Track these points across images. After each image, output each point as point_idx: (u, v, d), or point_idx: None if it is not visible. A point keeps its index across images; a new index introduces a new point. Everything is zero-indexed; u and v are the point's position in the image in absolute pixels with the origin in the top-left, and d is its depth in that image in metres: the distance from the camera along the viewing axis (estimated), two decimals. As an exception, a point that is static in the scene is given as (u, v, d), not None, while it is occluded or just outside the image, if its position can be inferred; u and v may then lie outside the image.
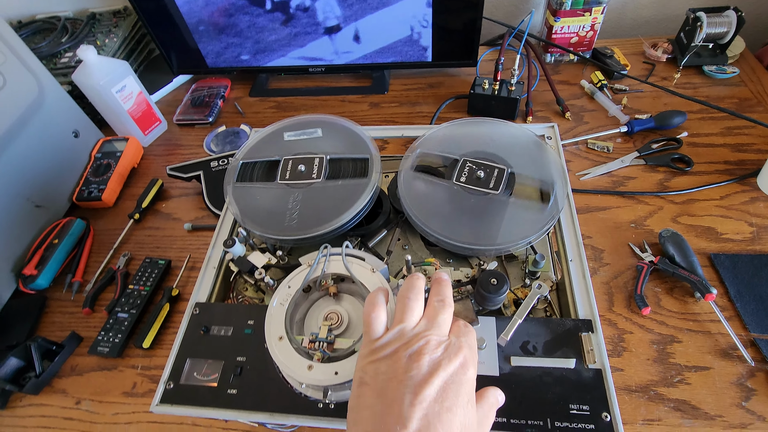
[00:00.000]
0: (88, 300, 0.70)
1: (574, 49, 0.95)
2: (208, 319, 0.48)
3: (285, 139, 0.60)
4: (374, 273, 0.44)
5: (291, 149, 0.58)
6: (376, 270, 0.44)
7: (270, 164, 0.58)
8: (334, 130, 0.60)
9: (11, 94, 0.72)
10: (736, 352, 0.56)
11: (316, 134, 0.58)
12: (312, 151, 0.57)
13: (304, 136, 0.58)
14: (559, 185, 0.51)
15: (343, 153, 0.56)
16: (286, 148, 0.59)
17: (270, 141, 0.61)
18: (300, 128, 0.60)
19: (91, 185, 0.83)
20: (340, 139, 0.59)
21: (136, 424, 0.58)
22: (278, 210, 0.53)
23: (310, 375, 0.39)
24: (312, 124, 0.61)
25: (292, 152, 0.58)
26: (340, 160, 0.56)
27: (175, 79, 1.09)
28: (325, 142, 0.59)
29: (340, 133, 0.60)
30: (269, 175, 0.57)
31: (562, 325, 0.44)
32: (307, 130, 0.58)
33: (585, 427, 0.38)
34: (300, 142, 0.59)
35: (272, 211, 0.53)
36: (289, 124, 0.62)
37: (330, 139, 0.59)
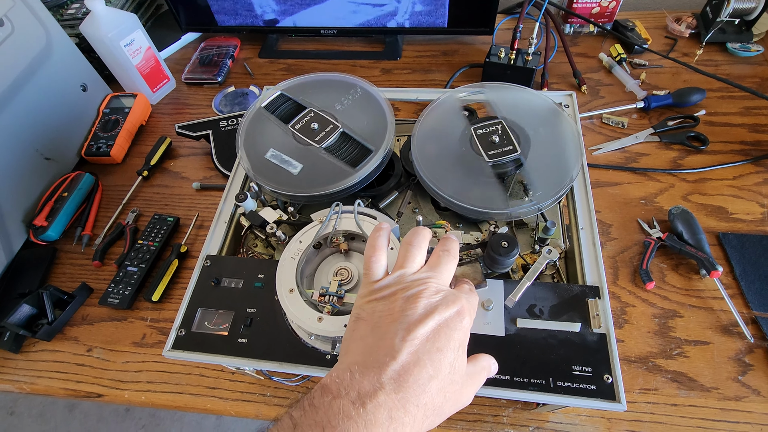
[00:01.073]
0: (97, 253, 0.70)
1: (594, 20, 0.92)
2: (218, 272, 0.48)
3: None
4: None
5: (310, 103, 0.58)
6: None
7: (295, 108, 0.58)
8: (344, 88, 0.59)
9: (20, 42, 0.70)
10: (737, 328, 0.56)
11: (351, 98, 0.57)
12: (324, 108, 0.57)
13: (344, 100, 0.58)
14: (575, 153, 0.50)
15: (359, 126, 0.55)
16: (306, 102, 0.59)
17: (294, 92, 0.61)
18: (311, 87, 0.59)
19: (99, 140, 0.83)
20: (357, 101, 0.58)
21: (146, 372, 0.60)
22: (310, 168, 0.53)
23: (320, 326, 0.40)
24: (321, 84, 0.60)
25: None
26: (350, 138, 0.55)
27: (184, 36, 1.07)
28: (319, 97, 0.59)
29: (328, 86, 0.60)
30: (288, 119, 0.57)
31: (569, 291, 0.44)
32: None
33: (586, 387, 0.39)
34: (314, 95, 0.59)
35: (305, 171, 0.52)
36: (297, 84, 0.61)
37: (322, 94, 0.59)
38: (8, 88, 0.69)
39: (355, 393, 0.28)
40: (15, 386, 0.61)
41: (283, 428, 0.28)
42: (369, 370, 0.30)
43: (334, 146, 0.54)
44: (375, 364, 0.30)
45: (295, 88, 0.61)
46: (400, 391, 0.29)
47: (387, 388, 0.29)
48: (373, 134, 0.54)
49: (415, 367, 0.30)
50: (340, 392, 0.29)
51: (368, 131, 0.54)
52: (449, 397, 0.31)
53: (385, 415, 0.28)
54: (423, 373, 0.30)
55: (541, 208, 0.48)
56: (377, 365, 0.30)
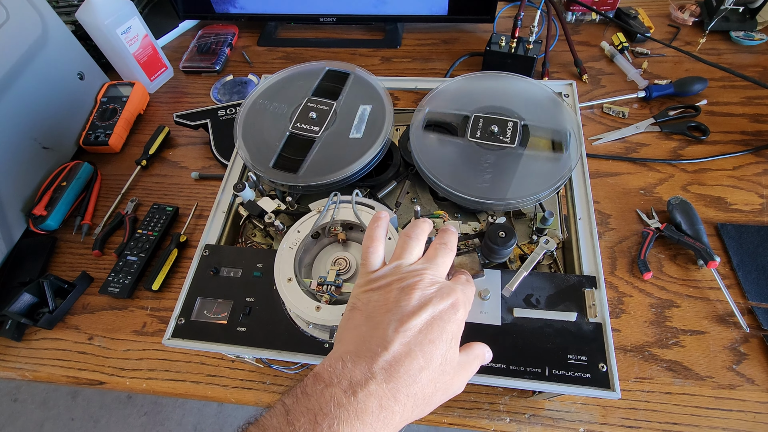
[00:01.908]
0: (97, 242, 0.71)
1: (597, 7, 0.91)
2: (217, 261, 0.48)
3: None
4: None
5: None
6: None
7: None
8: (368, 97, 0.59)
9: (15, 29, 0.70)
10: (733, 318, 0.57)
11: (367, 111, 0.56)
12: (329, 101, 0.56)
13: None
14: (574, 143, 0.50)
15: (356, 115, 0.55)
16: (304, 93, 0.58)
17: (288, 83, 0.60)
18: (317, 75, 0.59)
19: (97, 130, 0.83)
20: (356, 88, 0.58)
21: (147, 360, 0.60)
22: (330, 154, 0.52)
23: (318, 315, 0.40)
24: (359, 82, 0.59)
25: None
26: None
27: (181, 24, 1.06)
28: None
29: (357, 83, 0.59)
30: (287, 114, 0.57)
31: (566, 281, 0.44)
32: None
33: (582, 376, 0.39)
34: (287, 91, 0.59)
35: (324, 156, 0.52)
36: (306, 70, 0.61)
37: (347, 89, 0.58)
38: (4, 76, 0.69)
39: (346, 382, 0.29)
40: (17, 374, 0.62)
41: (276, 415, 0.28)
42: (361, 360, 0.30)
43: (294, 140, 0.54)
44: (367, 354, 0.30)
45: (264, 95, 0.60)
46: (391, 381, 0.29)
47: (378, 377, 0.29)
48: (319, 167, 0.53)
49: (406, 358, 0.30)
50: (332, 380, 0.29)
51: (323, 162, 0.53)
52: (439, 387, 0.32)
53: (375, 403, 0.28)
54: (414, 364, 0.30)
55: (540, 199, 0.48)
56: (369, 355, 0.30)
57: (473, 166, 0.50)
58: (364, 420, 0.28)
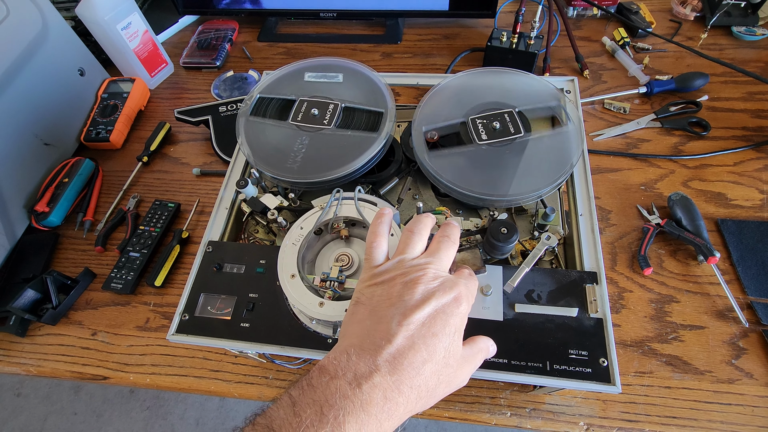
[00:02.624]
0: (100, 239, 0.71)
1: (598, 2, 0.91)
2: (220, 257, 0.49)
3: (305, 79, 0.59)
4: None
5: (307, 91, 0.58)
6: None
7: (285, 103, 0.57)
8: (351, 75, 0.59)
9: (15, 25, 0.69)
10: (732, 313, 0.57)
11: (337, 79, 0.56)
12: (328, 96, 0.56)
13: (325, 79, 0.57)
14: (575, 143, 0.50)
15: (359, 102, 0.55)
16: (302, 90, 0.58)
17: (288, 80, 0.60)
18: (321, 71, 0.59)
19: (98, 126, 0.83)
20: (356, 85, 0.58)
21: (150, 355, 0.61)
22: (289, 152, 0.53)
23: (321, 311, 0.41)
24: (332, 68, 0.59)
25: (308, 94, 0.57)
26: (354, 109, 0.55)
27: (181, 19, 1.05)
28: (341, 87, 0.58)
29: (357, 79, 0.59)
30: (282, 114, 0.56)
31: (567, 276, 0.44)
32: (329, 73, 0.57)
33: (582, 370, 0.40)
34: (317, 84, 0.58)
35: (284, 153, 0.52)
36: (309, 65, 0.60)
37: (346, 84, 0.58)
38: (5, 73, 0.69)
39: (351, 374, 0.29)
40: (22, 369, 0.62)
41: (283, 407, 0.29)
42: (365, 353, 0.30)
43: (343, 122, 0.54)
44: (371, 347, 0.31)
45: (272, 85, 0.60)
46: (395, 373, 0.30)
47: (382, 370, 0.30)
48: (374, 100, 0.54)
49: (409, 351, 0.31)
50: (338, 373, 0.30)
51: (368, 98, 0.55)
52: (443, 380, 0.32)
53: (379, 395, 0.29)
54: (417, 357, 0.31)
55: (541, 195, 0.48)
56: (373, 348, 0.31)
57: (475, 163, 0.50)
58: (369, 411, 0.28)
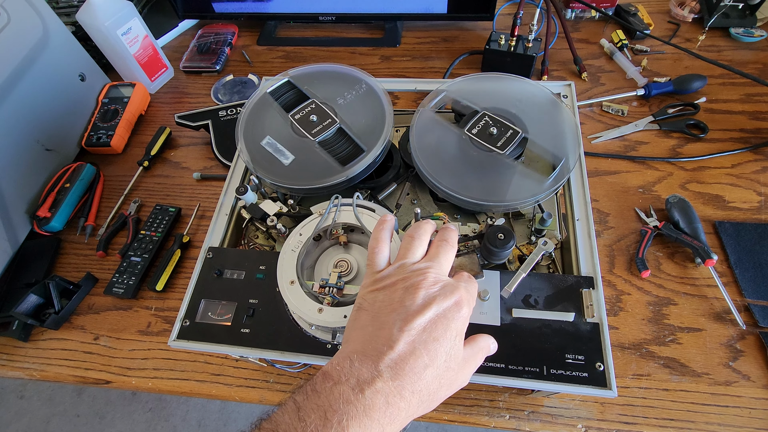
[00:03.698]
0: (101, 243, 0.71)
1: (596, 4, 0.91)
2: (221, 263, 0.49)
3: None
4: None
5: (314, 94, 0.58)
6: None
7: (298, 97, 0.58)
8: (327, 77, 0.59)
9: (16, 32, 0.70)
10: (729, 315, 0.57)
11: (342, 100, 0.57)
12: (326, 101, 0.57)
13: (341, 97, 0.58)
14: (572, 147, 0.51)
15: (356, 128, 0.55)
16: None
17: (267, 101, 0.60)
18: (317, 78, 0.59)
19: (99, 131, 0.83)
20: (336, 82, 0.59)
21: (152, 359, 0.61)
22: (303, 160, 0.53)
23: (320, 317, 0.41)
24: (327, 75, 0.60)
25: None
26: (346, 134, 0.55)
27: (181, 23, 1.06)
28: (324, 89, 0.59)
29: (334, 78, 0.59)
30: (289, 108, 0.57)
31: (564, 281, 0.45)
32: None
33: (579, 375, 0.40)
34: (318, 86, 0.59)
35: (297, 162, 0.53)
36: (304, 73, 0.61)
37: (327, 85, 0.59)
38: (7, 79, 0.69)
39: (354, 380, 0.30)
40: (25, 373, 0.63)
41: (288, 412, 0.29)
42: (367, 359, 0.31)
43: (328, 141, 0.54)
44: (373, 353, 0.31)
45: (302, 76, 0.60)
46: (397, 378, 0.30)
47: (384, 375, 0.30)
48: (369, 133, 0.54)
49: (411, 356, 0.31)
50: (341, 379, 0.30)
51: (365, 130, 0.54)
52: (444, 383, 0.33)
53: (382, 400, 0.29)
54: (419, 362, 0.31)
55: (539, 200, 0.48)
56: (375, 354, 0.31)
57: (472, 168, 0.50)
58: (372, 416, 0.29)
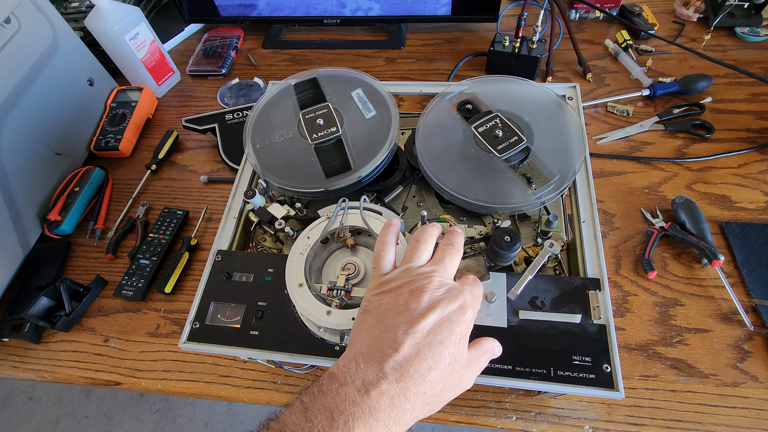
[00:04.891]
0: (110, 246, 0.72)
1: (600, 5, 0.91)
2: (229, 266, 0.50)
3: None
4: (391, 227, 0.45)
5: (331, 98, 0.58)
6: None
7: (315, 98, 0.59)
8: (354, 85, 0.60)
9: (27, 39, 0.71)
10: (737, 316, 0.57)
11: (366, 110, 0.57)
12: (339, 108, 0.57)
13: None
14: (577, 150, 0.51)
15: (354, 143, 0.55)
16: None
17: (287, 94, 0.61)
18: (341, 83, 0.60)
19: (107, 135, 0.84)
20: (334, 83, 0.59)
21: (161, 361, 0.62)
22: (297, 162, 0.53)
23: (329, 320, 0.42)
24: (332, 79, 0.60)
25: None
26: (342, 147, 0.54)
27: (187, 27, 1.07)
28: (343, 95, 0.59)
29: (330, 79, 0.60)
30: (304, 105, 0.58)
31: (570, 283, 0.45)
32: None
33: (586, 377, 0.40)
34: (339, 91, 0.59)
35: (291, 163, 0.53)
36: (331, 75, 0.61)
37: (348, 93, 0.59)
38: (18, 84, 0.70)
39: (360, 381, 0.30)
40: (37, 375, 0.64)
41: (295, 412, 0.30)
42: (373, 361, 0.31)
43: (323, 149, 0.54)
44: (379, 355, 0.32)
45: (328, 78, 0.61)
46: (402, 380, 0.31)
47: (389, 377, 0.31)
48: (366, 152, 0.53)
49: (416, 359, 0.32)
50: (347, 380, 0.31)
51: (363, 147, 0.54)
52: (448, 386, 0.33)
53: (387, 401, 0.30)
54: (423, 365, 0.32)
55: (544, 202, 0.49)
56: (381, 356, 0.32)
57: (478, 171, 0.51)
58: (377, 417, 0.29)
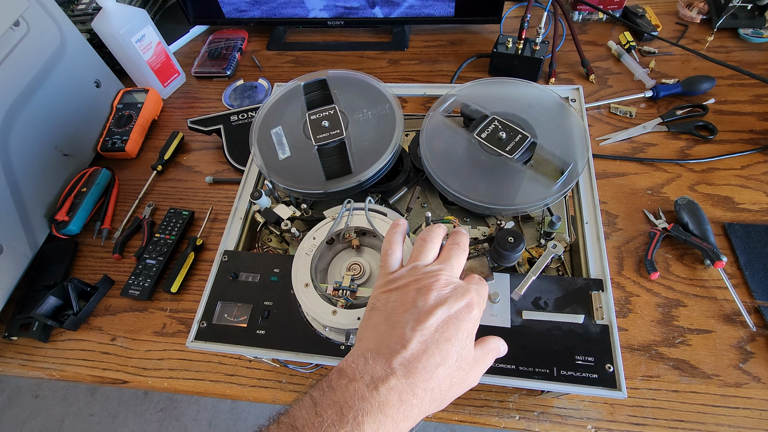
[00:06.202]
0: (117, 246, 0.73)
1: (603, 6, 0.91)
2: (236, 266, 0.50)
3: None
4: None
5: (338, 101, 0.59)
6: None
7: (323, 99, 0.59)
8: (358, 87, 0.60)
9: (35, 42, 0.72)
10: (739, 317, 0.58)
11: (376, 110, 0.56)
12: (346, 111, 0.57)
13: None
14: (580, 151, 0.51)
15: (357, 149, 0.55)
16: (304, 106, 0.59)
17: (294, 95, 0.61)
18: (349, 85, 0.60)
19: (114, 136, 0.85)
20: (363, 96, 0.59)
21: (167, 360, 0.63)
22: (303, 163, 0.54)
23: (334, 319, 0.42)
24: (336, 80, 0.61)
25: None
26: (345, 151, 0.55)
27: (192, 29, 1.08)
28: (350, 98, 0.59)
29: (365, 90, 0.60)
30: (311, 106, 0.58)
31: (573, 284, 0.45)
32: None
33: (589, 376, 0.41)
34: (348, 94, 0.60)
35: (297, 164, 0.54)
36: (341, 77, 0.62)
37: (354, 96, 0.59)
38: (27, 86, 0.71)
39: (369, 377, 0.31)
40: (45, 373, 0.65)
41: (305, 407, 0.30)
42: (381, 357, 0.32)
43: (326, 151, 0.55)
44: (387, 351, 0.32)
45: (338, 80, 0.61)
46: (410, 376, 0.31)
47: (398, 373, 0.31)
48: (366, 157, 0.53)
49: (423, 355, 0.32)
50: (356, 376, 0.31)
51: (365, 152, 0.54)
52: (455, 382, 0.34)
53: (395, 397, 0.30)
54: (431, 361, 0.32)
55: (548, 203, 0.49)
56: (389, 352, 0.32)
57: (481, 172, 0.51)
58: (386, 412, 0.30)
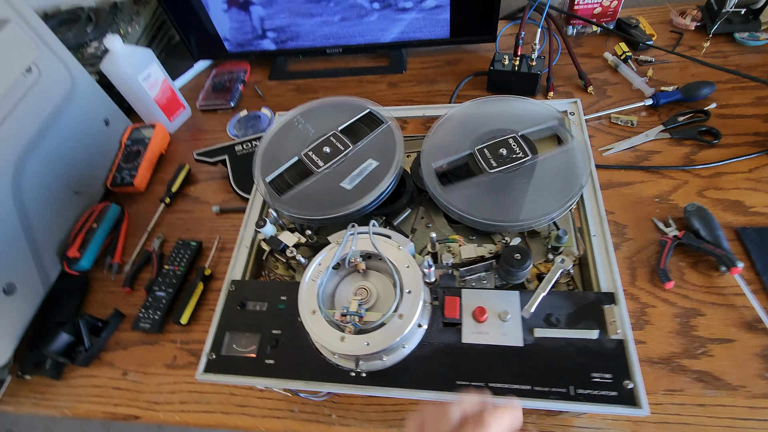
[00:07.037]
0: (127, 280, 0.74)
1: (597, 20, 0.92)
2: (243, 296, 0.50)
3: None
4: (400, 250, 0.46)
5: (312, 132, 0.60)
6: (402, 247, 0.46)
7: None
8: (356, 112, 0.61)
9: (47, 86, 0.75)
10: (761, 324, 0.56)
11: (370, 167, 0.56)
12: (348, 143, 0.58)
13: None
14: (582, 160, 0.51)
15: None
16: (305, 134, 0.60)
17: (293, 125, 0.62)
18: (324, 112, 0.61)
19: (123, 171, 0.87)
20: (381, 139, 0.59)
21: (178, 393, 0.62)
22: (306, 190, 0.55)
23: (343, 346, 0.42)
24: (334, 107, 0.62)
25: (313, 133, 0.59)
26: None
27: (196, 64, 1.11)
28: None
29: (386, 134, 0.59)
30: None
31: (584, 298, 0.45)
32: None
33: (608, 394, 0.39)
34: (324, 121, 0.61)
35: (301, 192, 0.55)
36: (310, 108, 0.63)
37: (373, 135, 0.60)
38: (39, 128, 0.74)
39: None
40: (57, 411, 0.64)
41: None
42: None
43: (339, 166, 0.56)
44: None
45: (335, 105, 0.62)
46: None
47: None
48: (368, 180, 0.54)
49: None
50: None
51: (367, 177, 0.55)
52: None
53: None
54: None
55: (553, 218, 0.49)
56: None
57: (484, 190, 0.51)
58: None
